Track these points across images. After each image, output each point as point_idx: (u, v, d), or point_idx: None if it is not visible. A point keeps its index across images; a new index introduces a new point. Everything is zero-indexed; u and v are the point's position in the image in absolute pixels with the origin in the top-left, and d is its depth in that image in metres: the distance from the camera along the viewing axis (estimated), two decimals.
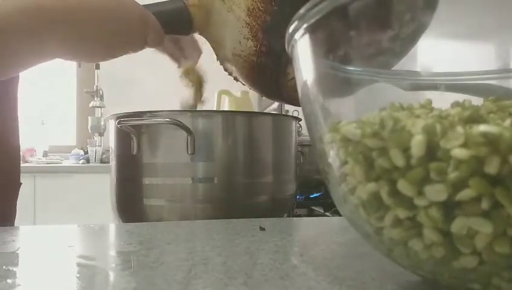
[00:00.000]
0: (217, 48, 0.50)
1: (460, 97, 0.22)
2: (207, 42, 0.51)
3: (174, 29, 0.49)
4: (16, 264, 0.29)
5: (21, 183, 0.58)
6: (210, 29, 0.48)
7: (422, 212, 0.17)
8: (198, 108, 0.58)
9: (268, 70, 0.45)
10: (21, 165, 0.59)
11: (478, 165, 0.16)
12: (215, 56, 0.51)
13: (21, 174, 0.58)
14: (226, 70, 0.52)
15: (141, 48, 0.47)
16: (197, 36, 0.57)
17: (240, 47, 0.44)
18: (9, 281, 0.25)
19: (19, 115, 0.57)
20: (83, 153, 2.38)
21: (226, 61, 0.49)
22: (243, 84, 0.52)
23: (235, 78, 0.52)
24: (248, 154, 0.56)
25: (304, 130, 1.06)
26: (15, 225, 0.56)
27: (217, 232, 0.39)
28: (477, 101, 0.22)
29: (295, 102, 0.50)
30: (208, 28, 0.48)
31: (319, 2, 0.21)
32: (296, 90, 0.46)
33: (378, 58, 0.25)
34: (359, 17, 0.22)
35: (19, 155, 0.59)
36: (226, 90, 1.89)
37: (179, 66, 0.58)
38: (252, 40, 0.43)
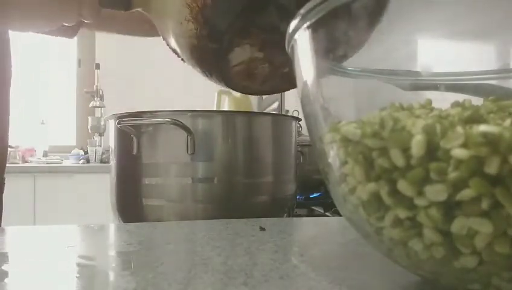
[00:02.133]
0: (159, 25, 0.47)
1: (460, 97, 0.22)
2: None
3: (111, 3, 0.47)
4: (16, 265, 0.29)
5: (4, 178, 0.58)
6: (151, 6, 0.45)
7: (422, 212, 0.17)
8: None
9: (210, 55, 0.43)
10: (21, 165, 0.59)
11: (478, 165, 0.16)
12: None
13: (21, 174, 0.59)
14: (170, 48, 0.49)
15: (75, 20, 0.46)
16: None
17: (180, 28, 0.42)
18: (9, 281, 0.25)
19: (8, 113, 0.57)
20: (83, 153, 2.38)
21: (169, 39, 0.46)
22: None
23: (182, 60, 0.49)
24: (248, 154, 0.56)
25: (304, 130, 1.05)
26: (14, 224, 0.56)
27: (217, 232, 0.39)
28: (477, 101, 0.22)
29: (245, 89, 0.46)
30: (148, 5, 0.45)
31: (320, 2, 0.21)
32: (244, 77, 0.44)
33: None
34: (360, 16, 0.22)
35: (6, 153, 0.58)
36: (226, 90, 1.88)
37: None
38: (192, 22, 0.40)
